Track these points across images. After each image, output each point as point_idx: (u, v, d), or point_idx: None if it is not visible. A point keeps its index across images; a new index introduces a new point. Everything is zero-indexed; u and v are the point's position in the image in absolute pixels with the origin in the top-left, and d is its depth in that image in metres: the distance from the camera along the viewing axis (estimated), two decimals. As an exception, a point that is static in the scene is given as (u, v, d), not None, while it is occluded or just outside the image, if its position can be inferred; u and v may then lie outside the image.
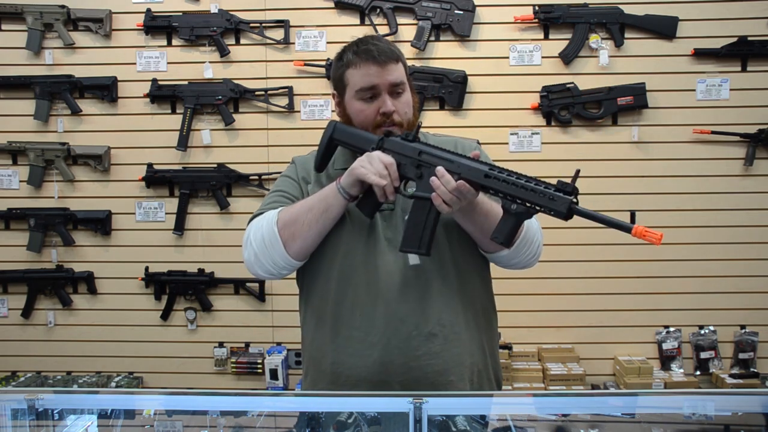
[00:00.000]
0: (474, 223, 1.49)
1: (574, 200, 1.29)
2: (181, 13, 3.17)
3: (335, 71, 1.60)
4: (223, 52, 3.15)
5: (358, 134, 1.55)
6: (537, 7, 3.08)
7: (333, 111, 3.11)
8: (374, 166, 1.44)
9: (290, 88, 3.15)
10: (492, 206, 1.47)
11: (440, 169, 1.40)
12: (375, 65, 1.52)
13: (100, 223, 3.21)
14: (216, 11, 3.16)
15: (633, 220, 3.15)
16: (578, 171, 1.32)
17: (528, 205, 1.32)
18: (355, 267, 1.53)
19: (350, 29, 3.14)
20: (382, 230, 1.54)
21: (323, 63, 3.11)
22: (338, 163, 1.62)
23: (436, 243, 1.50)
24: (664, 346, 3.11)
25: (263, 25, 3.16)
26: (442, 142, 1.62)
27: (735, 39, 3.03)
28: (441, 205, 1.40)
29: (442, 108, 3.13)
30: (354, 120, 1.58)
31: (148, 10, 3.15)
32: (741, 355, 3.09)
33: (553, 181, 1.33)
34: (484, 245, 1.54)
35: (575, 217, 1.30)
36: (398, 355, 1.49)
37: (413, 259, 1.50)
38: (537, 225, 1.57)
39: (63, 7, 3.17)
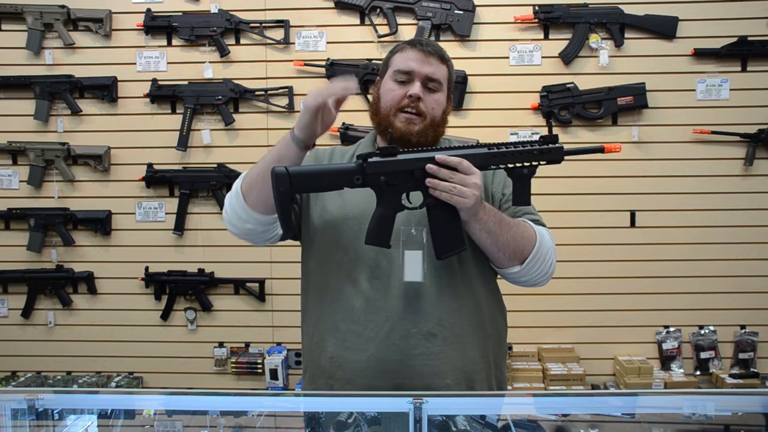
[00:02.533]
0: (490, 234, 1.46)
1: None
2: (181, 13, 3.17)
3: (385, 57, 1.65)
4: (223, 52, 3.15)
5: (327, 170, 1.44)
6: (537, 7, 3.08)
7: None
8: (315, 91, 1.45)
9: (290, 88, 3.15)
10: (503, 216, 1.48)
11: (432, 167, 1.39)
12: (419, 52, 1.57)
13: (100, 223, 3.21)
14: (216, 11, 3.16)
15: (633, 220, 3.21)
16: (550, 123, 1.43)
17: (534, 164, 1.45)
18: (356, 262, 1.53)
19: (350, 29, 3.14)
20: None
21: (323, 63, 3.11)
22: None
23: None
24: (664, 346, 3.11)
25: (263, 25, 3.16)
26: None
27: (735, 39, 3.03)
28: (459, 200, 1.38)
29: (442, 108, 3.13)
30: (381, 100, 1.59)
31: (148, 10, 3.15)
32: (741, 355, 3.09)
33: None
34: (499, 261, 1.52)
35: (575, 215, 1.30)
36: (395, 352, 1.48)
37: (410, 275, 1.46)
38: (551, 245, 1.56)
39: (63, 7, 3.17)
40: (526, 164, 1.45)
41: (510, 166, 1.45)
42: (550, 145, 1.46)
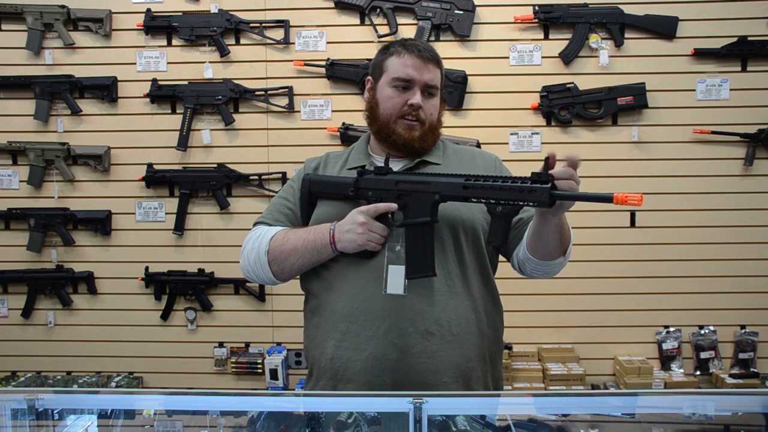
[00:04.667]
0: (562, 227, 1.50)
1: (552, 187, 1.34)
2: (181, 13, 3.17)
3: (377, 58, 1.65)
4: (223, 52, 3.15)
5: (333, 181, 1.61)
6: (537, 7, 3.08)
7: (332, 110, 3.14)
8: (374, 236, 1.50)
9: (290, 88, 3.15)
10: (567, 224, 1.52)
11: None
12: (418, 59, 1.58)
13: (100, 223, 3.21)
14: (216, 11, 3.16)
15: (633, 220, 3.19)
16: (547, 158, 1.35)
17: (512, 203, 1.37)
18: (354, 264, 1.54)
19: (350, 29, 3.14)
20: None
21: (323, 63, 3.11)
22: (352, 162, 1.66)
23: (441, 242, 1.53)
24: (664, 346, 3.11)
25: (263, 25, 3.16)
26: (459, 152, 1.68)
27: (735, 39, 3.03)
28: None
29: (442, 108, 3.13)
30: (380, 106, 1.61)
31: (148, 10, 3.15)
32: (741, 355, 3.09)
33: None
34: (554, 252, 1.53)
35: (574, 215, 1.31)
36: (393, 351, 1.50)
37: (392, 288, 1.50)
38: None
39: (63, 7, 3.17)
40: (502, 202, 1.38)
41: (483, 201, 1.41)
42: (533, 185, 1.33)
